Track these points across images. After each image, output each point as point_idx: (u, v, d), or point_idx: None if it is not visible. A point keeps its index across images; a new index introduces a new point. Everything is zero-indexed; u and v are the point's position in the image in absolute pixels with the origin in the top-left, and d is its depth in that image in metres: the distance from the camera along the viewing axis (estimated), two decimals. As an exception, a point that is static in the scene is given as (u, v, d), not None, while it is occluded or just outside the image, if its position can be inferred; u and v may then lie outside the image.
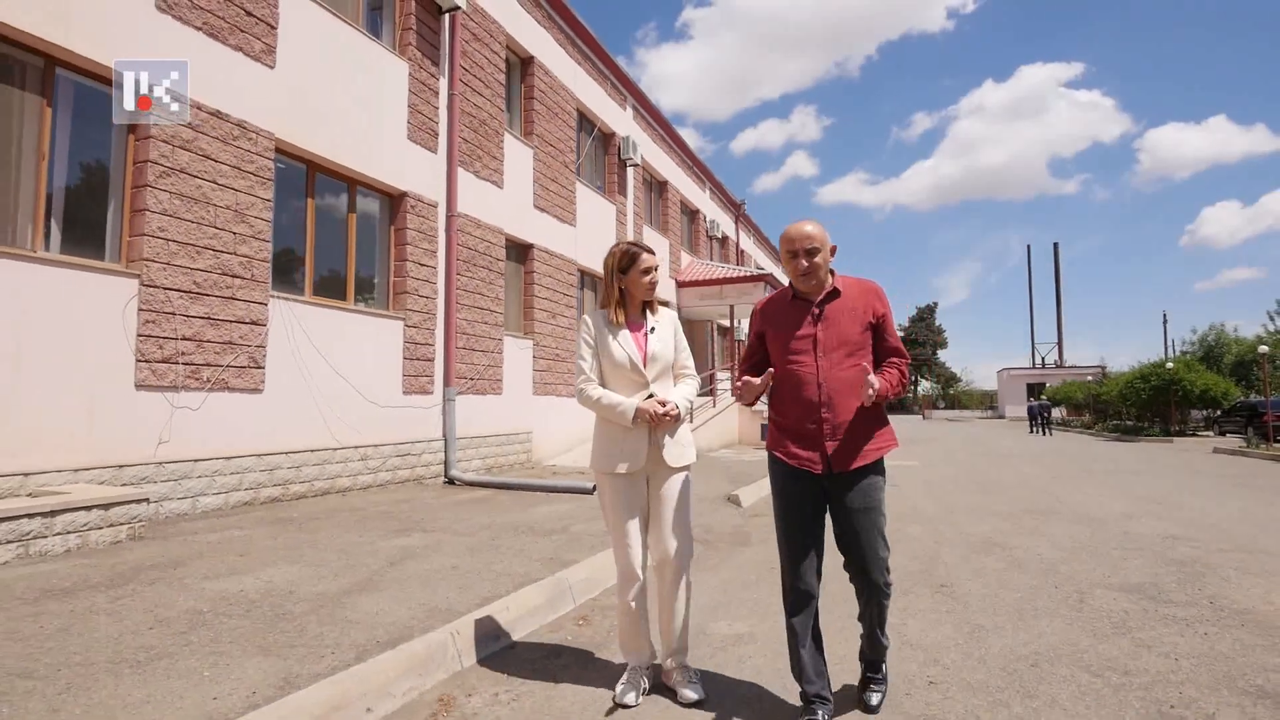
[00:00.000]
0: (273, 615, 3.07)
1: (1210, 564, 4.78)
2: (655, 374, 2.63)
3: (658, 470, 2.61)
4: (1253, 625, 3.45)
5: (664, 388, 2.65)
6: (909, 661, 2.95)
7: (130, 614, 3.05)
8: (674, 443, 2.62)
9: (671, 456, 2.60)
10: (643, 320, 2.71)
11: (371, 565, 4.05)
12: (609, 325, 2.66)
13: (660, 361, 2.64)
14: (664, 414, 2.51)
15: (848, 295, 2.42)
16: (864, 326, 2.37)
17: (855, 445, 2.32)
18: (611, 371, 2.62)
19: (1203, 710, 2.48)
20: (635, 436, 2.56)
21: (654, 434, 2.59)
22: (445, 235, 9.16)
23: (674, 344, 2.71)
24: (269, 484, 6.55)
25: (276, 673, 2.43)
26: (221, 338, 6.14)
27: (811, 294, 2.43)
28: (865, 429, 2.33)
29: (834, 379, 2.32)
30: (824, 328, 2.37)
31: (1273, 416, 20.11)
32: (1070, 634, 3.31)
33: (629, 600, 2.58)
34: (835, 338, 2.36)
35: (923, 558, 4.96)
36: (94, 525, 4.45)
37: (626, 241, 2.71)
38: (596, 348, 2.65)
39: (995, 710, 2.49)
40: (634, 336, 2.66)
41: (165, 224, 5.72)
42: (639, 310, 2.72)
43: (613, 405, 2.55)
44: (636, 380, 2.61)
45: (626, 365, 2.60)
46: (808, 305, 2.42)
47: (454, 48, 9.36)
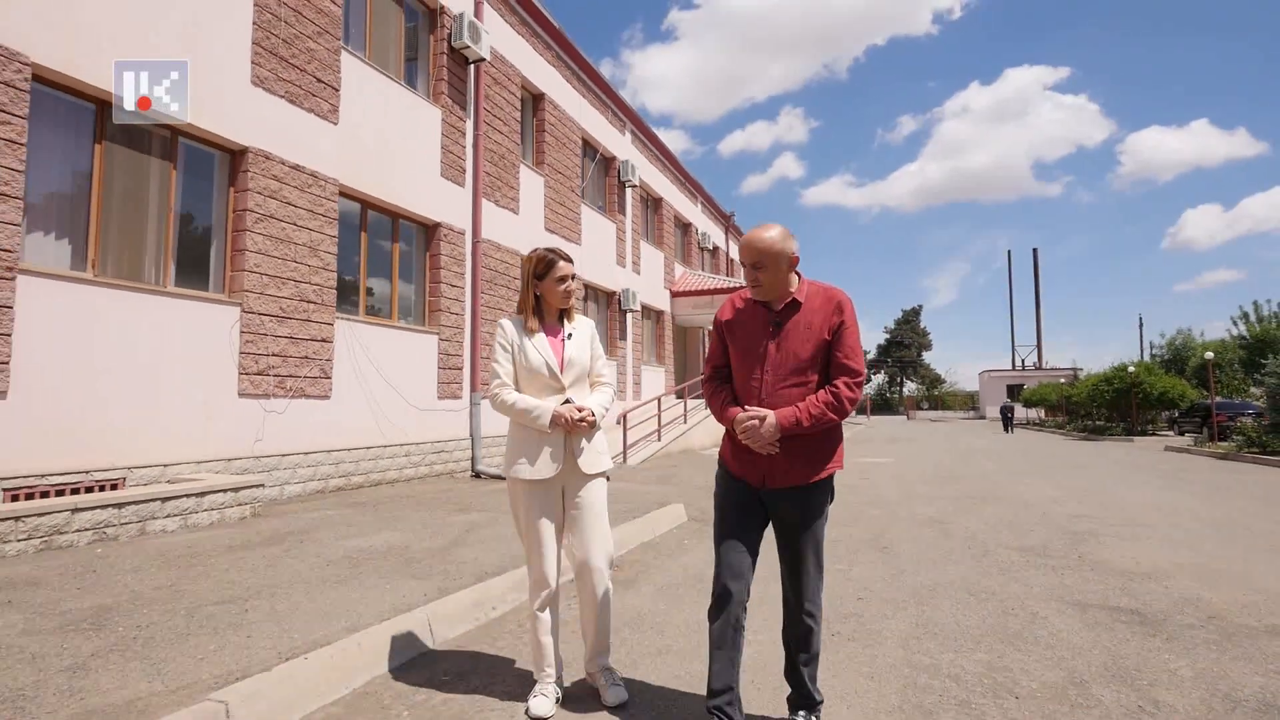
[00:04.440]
0: (404, 560, 4.34)
1: (1097, 534, 6.13)
2: (571, 380, 2.62)
3: (573, 477, 2.61)
4: (1101, 570, 4.79)
5: (580, 394, 2.65)
6: (847, 588, 4.27)
7: (303, 559, 4.31)
8: (590, 449, 2.62)
9: (587, 463, 2.60)
10: (560, 326, 2.70)
11: (452, 532, 5.33)
12: (525, 331, 2.65)
13: (576, 367, 2.64)
14: (580, 420, 2.53)
15: (808, 306, 2.33)
16: (818, 342, 2.28)
17: (791, 464, 2.28)
18: (527, 377, 2.60)
19: (1033, 611, 3.81)
20: (550, 442, 2.55)
21: (570, 440, 2.59)
22: (471, 259, 10.43)
23: (590, 351, 2.71)
24: (335, 475, 7.80)
25: (431, 587, 3.70)
26: (300, 353, 7.39)
27: (771, 303, 2.37)
28: (805, 449, 2.28)
29: (777, 397, 2.27)
30: (777, 343, 2.31)
31: (1224, 417, 21.73)
32: (965, 574, 4.64)
33: (537, 609, 2.59)
34: (786, 354, 2.30)
35: (874, 530, 6.29)
36: (228, 504, 5.69)
37: (545, 248, 2.67)
38: (513, 353, 2.63)
39: (900, 610, 3.81)
40: (551, 342, 2.64)
41: (259, 260, 6.96)
42: (556, 317, 2.71)
43: (528, 410, 2.53)
44: (553, 386, 2.60)
45: (543, 371, 2.59)
46: (767, 315, 2.36)
47: (478, 93, 10.63)
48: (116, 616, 3.12)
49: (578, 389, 2.65)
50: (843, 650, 3.21)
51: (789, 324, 2.32)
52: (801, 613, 2.36)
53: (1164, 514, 7.30)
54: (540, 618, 2.59)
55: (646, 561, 4.99)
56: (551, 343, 2.65)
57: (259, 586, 3.66)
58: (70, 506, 4.61)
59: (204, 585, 3.66)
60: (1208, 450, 16.68)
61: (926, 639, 3.35)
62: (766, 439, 2.22)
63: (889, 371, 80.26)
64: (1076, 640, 3.33)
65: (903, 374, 79.28)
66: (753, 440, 2.24)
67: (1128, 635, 3.41)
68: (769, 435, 2.21)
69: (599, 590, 2.61)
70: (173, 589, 3.58)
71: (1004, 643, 3.30)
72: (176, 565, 4.10)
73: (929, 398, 75.69)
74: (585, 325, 2.77)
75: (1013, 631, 3.46)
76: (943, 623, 3.60)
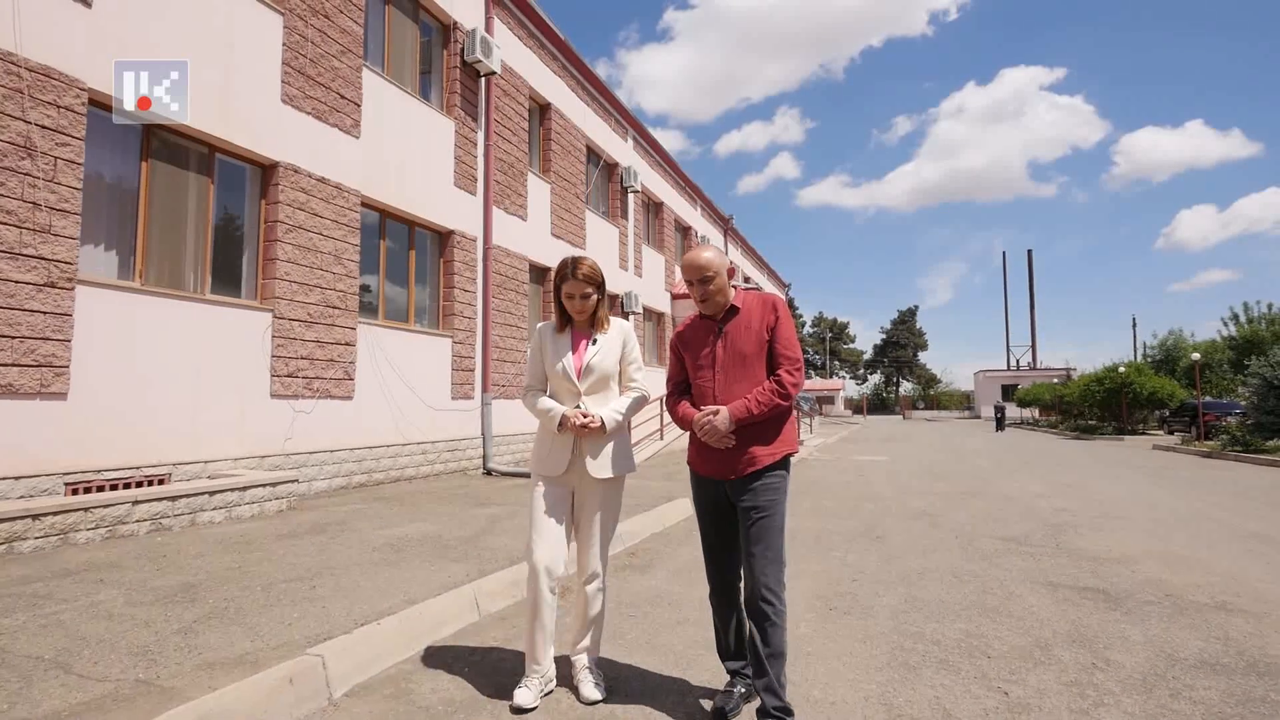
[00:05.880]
0: (440, 546, 4.77)
1: (1076, 525, 6.58)
2: (589, 385, 2.71)
3: (583, 481, 2.72)
4: (1075, 556, 5.23)
5: (601, 399, 2.73)
6: (843, 571, 4.71)
7: (349, 546, 4.73)
8: (601, 455, 2.69)
9: (593, 468, 2.67)
10: (589, 331, 2.77)
11: (478, 523, 5.75)
12: (554, 336, 2.79)
13: (597, 373, 2.71)
14: (584, 425, 2.61)
15: (746, 311, 2.58)
16: (759, 340, 2.53)
17: (745, 453, 2.48)
18: (553, 380, 2.76)
19: (1010, 590, 4.25)
20: (561, 443, 2.69)
21: (580, 443, 2.69)
22: (483, 265, 10.85)
23: (620, 356, 2.78)
24: (358, 472, 8.22)
25: (471, 569, 4.13)
26: (326, 356, 7.80)
27: (715, 314, 2.62)
28: (757, 436, 2.49)
29: (729, 393, 2.51)
30: (723, 345, 2.56)
31: (1212, 417, 22.27)
32: (951, 560, 5.08)
33: (535, 598, 2.63)
34: (732, 354, 2.54)
35: (868, 522, 6.73)
36: (267, 498, 6.11)
37: (569, 258, 2.74)
38: (541, 357, 2.80)
39: (890, 589, 4.25)
40: (574, 348, 2.75)
41: (289, 269, 7.37)
42: (587, 322, 2.78)
43: (545, 410, 2.70)
44: (571, 390, 2.71)
45: (561, 375, 2.71)
46: (712, 324, 2.62)
47: (489, 104, 11.05)
48: (203, 592, 3.54)
49: (600, 393, 2.73)
50: (839, 622, 3.64)
51: (730, 327, 2.58)
52: (759, 591, 2.40)
53: (1141, 507, 7.76)
54: (536, 609, 2.61)
55: (659, 549, 5.42)
56: (575, 348, 2.74)
57: (318, 568, 4.08)
58: (131, 499, 5.03)
59: (268, 567, 4.08)
60: (1193, 449, 17.17)
61: (913, 613, 3.79)
62: (723, 431, 2.44)
63: (885, 371, 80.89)
64: (1045, 613, 3.77)
65: (899, 374, 79.91)
66: (710, 436, 2.47)
67: (1091, 610, 3.85)
68: (724, 428, 2.43)
69: (595, 591, 2.71)
70: (241, 570, 4.00)
71: (981, 615, 3.74)
72: (235, 551, 4.52)
73: (925, 397, 76.31)
74: (618, 332, 2.81)
75: (990, 606, 3.90)
76: (928, 600, 4.04)
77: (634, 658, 3.08)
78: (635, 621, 3.60)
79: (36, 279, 5.21)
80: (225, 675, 2.46)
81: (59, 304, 5.33)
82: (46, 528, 4.51)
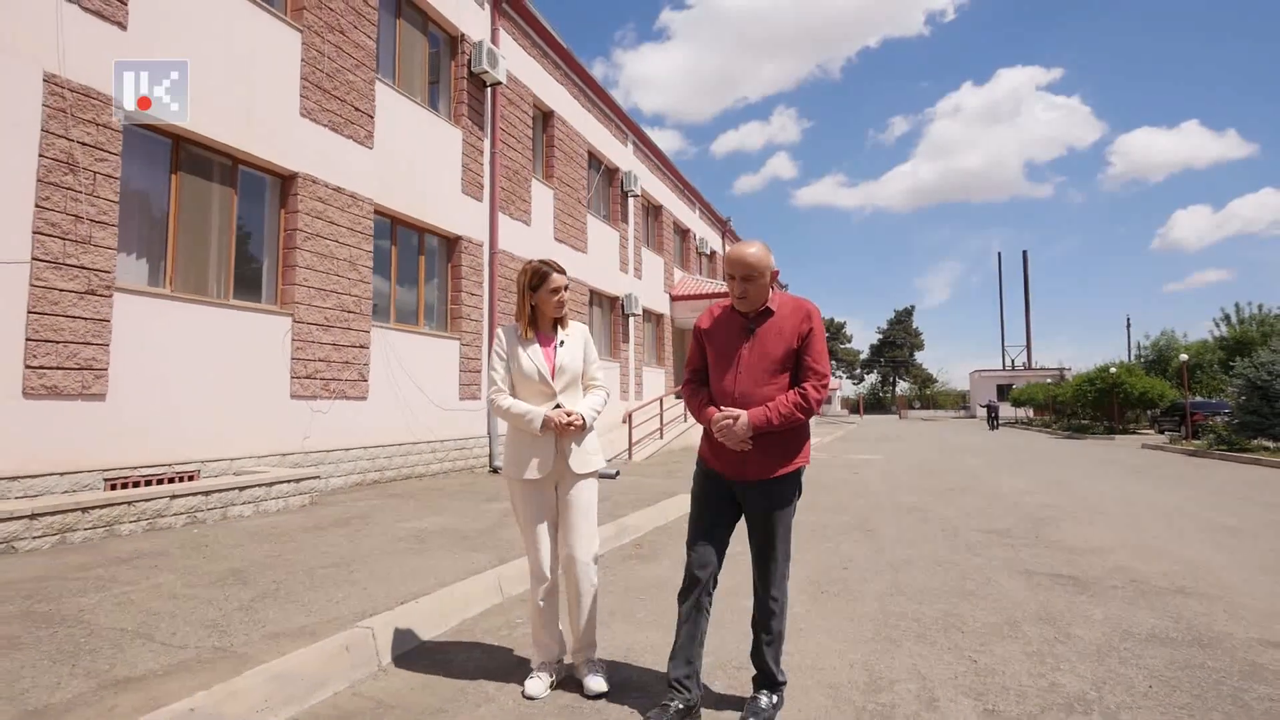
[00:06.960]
0: (459, 537, 5.12)
1: (1057, 519, 6.95)
2: (563, 385, 2.78)
3: (565, 477, 2.78)
4: (1053, 547, 5.60)
5: (572, 398, 2.81)
6: (834, 559, 5.06)
7: (376, 536, 5.08)
8: (580, 451, 2.77)
9: (577, 464, 2.76)
10: (553, 334, 2.84)
11: (491, 517, 6.09)
12: (520, 339, 2.80)
13: (568, 374, 2.79)
14: (568, 423, 2.70)
15: (780, 314, 2.53)
16: (789, 347, 2.47)
17: (761, 459, 2.46)
18: (522, 383, 2.77)
19: (988, 576, 4.61)
20: (543, 444, 2.73)
21: (560, 442, 2.76)
22: (489, 269, 11.19)
23: (583, 356, 2.86)
24: (371, 470, 8.56)
25: (491, 557, 4.47)
26: (342, 359, 8.14)
27: (749, 311, 2.56)
28: (775, 446, 2.46)
29: (750, 396, 2.46)
30: (751, 346, 2.51)
31: (1201, 416, 22.69)
32: (936, 550, 5.44)
33: (538, 599, 2.76)
34: (759, 357, 2.48)
35: (860, 516, 7.10)
36: (291, 494, 6.45)
37: (539, 260, 2.81)
38: (508, 360, 2.81)
39: (878, 576, 4.60)
40: (544, 350, 2.79)
41: (308, 275, 7.71)
42: (550, 325, 2.85)
43: (522, 414, 2.70)
44: (545, 391, 2.75)
45: (535, 377, 2.74)
46: (744, 321, 2.56)
47: (495, 113, 11.40)
48: (251, 576, 3.88)
49: (570, 393, 2.80)
50: (830, 604, 4.00)
51: (762, 330, 2.51)
52: (768, 598, 2.52)
53: (1123, 503, 8.13)
54: (539, 608, 2.75)
55: (662, 541, 5.77)
56: (544, 350, 2.79)
57: (351, 556, 4.43)
58: (169, 494, 5.37)
59: (305, 555, 4.43)
60: (1181, 447, 17.57)
61: (898, 596, 4.15)
62: (740, 436, 2.41)
63: (881, 371, 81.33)
64: (1018, 596, 4.14)
65: (895, 374, 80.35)
66: (727, 438, 2.44)
67: (1061, 593, 4.22)
68: (742, 433, 2.40)
69: (584, 583, 2.74)
70: (280, 558, 4.35)
71: (959, 598, 4.10)
72: (271, 541, 4.86)
73: (921, 397, 76.73)
74: (578, 332, 2.90)
75: (968, 590, 4.26)
76: (912, 585, 4.40)
77: (645, 634, 3.43)
78: (644, 603, 3.95)
79: (78, 287, 5.55)
80: (291, 643, 2.81)
81: (99, 310, 5.67)
82: (95, 520, 4.85)
